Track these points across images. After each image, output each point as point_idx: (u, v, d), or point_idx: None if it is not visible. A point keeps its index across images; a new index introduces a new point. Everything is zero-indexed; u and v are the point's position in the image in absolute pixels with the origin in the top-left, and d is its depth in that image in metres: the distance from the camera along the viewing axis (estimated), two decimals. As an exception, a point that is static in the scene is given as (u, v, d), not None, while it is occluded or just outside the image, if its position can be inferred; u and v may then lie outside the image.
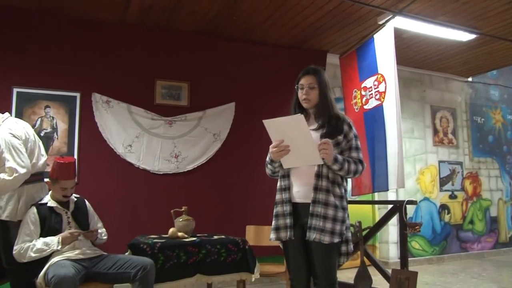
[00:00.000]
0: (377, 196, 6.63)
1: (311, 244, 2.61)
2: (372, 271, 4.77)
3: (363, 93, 5.14)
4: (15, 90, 4.81)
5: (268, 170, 2.83)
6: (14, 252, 3.17)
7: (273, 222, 2.74)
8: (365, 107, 5.09)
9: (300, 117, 2.44)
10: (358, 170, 2.67)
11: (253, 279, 3.65)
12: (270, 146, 2.57)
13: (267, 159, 2.75)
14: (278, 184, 2.78)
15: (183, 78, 5.49)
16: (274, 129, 2.52)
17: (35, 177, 3.48)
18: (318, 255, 2.62)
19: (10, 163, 3.18)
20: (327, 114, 2.69)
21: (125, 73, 5.24)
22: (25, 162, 3.24)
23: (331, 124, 2.66)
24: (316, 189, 2.61)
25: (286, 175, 2.73)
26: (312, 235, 2.55)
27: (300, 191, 2.68)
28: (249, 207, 5.43)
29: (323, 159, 2.50)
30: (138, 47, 5.33)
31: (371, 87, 4.99)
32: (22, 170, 3.19)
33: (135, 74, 5.28)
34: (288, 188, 2.71)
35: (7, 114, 3.57)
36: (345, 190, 2.73)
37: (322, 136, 2.62)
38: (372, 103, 4.96)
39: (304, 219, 2.64)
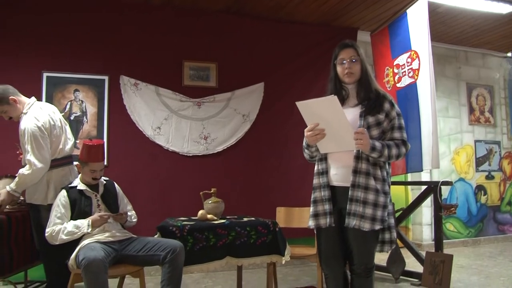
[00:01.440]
0: (410, 177, 6.48)
1: (349, 231, 2.50)
2: (405, 253, 4.68)
3: (395, 70, 4.97)
4: (44, 75, 4.87)
5: (305, 155, 2.72)
6: (46, 234, 3.19)
7: (311, 208, 2.61)
8: (398, 85, 4.92)
9: (333, 98, 2.29)
10: (401, 153, 2.49)
11: (283, 262, 3.59)
12: (305, 130, 2.45)
13: (304, 143, 2.64)
14: (316, 168, 2.64)
15: (211, 58, 5.43)
16: (308, 111, 2.40)
17: (63, 160, 3.52)
18: (356, 242, 2.51)
19: (29, 156, 3.26)
20: (368, 89, 2.54)
21: (152, 55, 5.22)
22: (43, 156, 3.29)
23: (370, 100, 2.51)
24: (356, 172, 2.46)
25: (324, 158, 2.59)
26: (352, 222, 2.43)
27: (338, 174, 2.54)
28: (279, 188, 5.38)
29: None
30: (165, 28, 5.29)
31: (404, 64, 4.81)
32: (40, 165, 3.26)
33: (162, 56, 5.26)
34: (326, 172, 2.57)
35: (33, 99, 3.58)
36: (387, 173, 2.56)
37: (361, 115, 2.49)
38: (405, 81, 4.79)
39: (342, 204, 2.52)
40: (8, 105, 3.43)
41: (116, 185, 3.59)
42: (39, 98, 3.90)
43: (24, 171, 3.26)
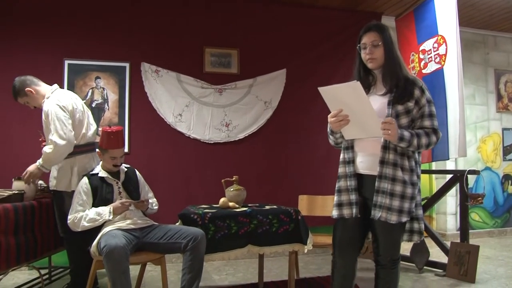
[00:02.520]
0: (434, 166, 6.36)
1: (375, 222, 2.41)
2: (429, 243, 4.59)
3: (421, 56, 4.84)
4: (66, 62, 4.88)
5: (330, 141, 2.64)
6: (68, 221, 3.21)
7: (336, 198, 2.52)
8: (424, 71, 4.79)
9: (356, 84, 2.18)
10: (431, 142, 2.36)
11: (305, 251, 3.54)
12: (329, 116, 2.36)
13: (328, 129, 2.57)
14: (341, 156, 2.55)
15: (232, 45, 5.37)
16: (331, 97, 2.31)
17: (86, 147, 3.55)
18: (383, 234, 2.43)
19: (51, 135, 3.32)
20: (395, 76, 2.38)
21: (173, 41, 5.19)
22: (66, 134, 3.32)
23: (399, 88, 2.37)
24: (383, 162, 2.35)
25: (350, 147, 2.49)
26: (378, 214, 2.35)
27: (364, 161, 2.45)
28: (301, 176, 5.32)
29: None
30: (186, 14, 5.24)
31: (430, 49, 4.68)
32: (62, 142, 3.29)
33: (183, 43, 5.22)
34: (352, 161, 2.47)
35: (55, 86, 3.63)
36: (416, 162, 2.43)
37: (389, 103, 2.37)
38: (432, 67, 4.66)
39: (368, 193, 2.43)
40: (26, 96, 3.53)
41: (137, 172, 3.58)
42: (61, 86, 3.93)
43: (47, 149, 3.32)
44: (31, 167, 3.42)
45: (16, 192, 3.36)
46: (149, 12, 5.13)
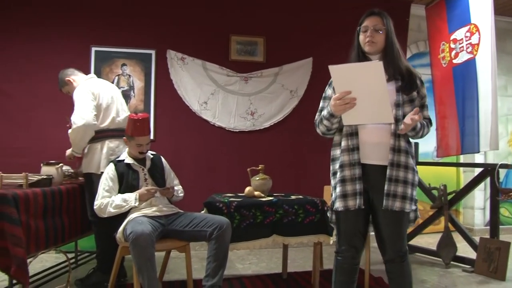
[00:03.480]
0: (462, 159, 6.22)
1: (383, 213, 2.34)
2: (456, 237, 4.50)
3: (452, 46, 4.71)
4: (93, 49, 4.92)
5: (322, 127, 2.46)
6: (95, 207, 3.24)
7: (338, 188, 2.38)
8: (455, 61, 4.67)
9: (378, 64, 2.10)
10: (427, 133, 2.43)
11: (331, 242, 3.49)
12: (333, 98, 2.23)
13: (325, 113, 2.38)
14: (343, 143, 2.41)
15: (258, 33, 5.32)
16: (342, 77, 2.18)
17: (116, 132, 3.61)
18: (393, 225, 2.35)
19: (72, 116, 3.47)
20: (396, 65, 2.37)
21: (199, 29, 5.17)
22: (86, 115, 3.43)
23: (405, 77, 2.34)
24: (394, 150, 2.31)
25: (354, 133, 2.38)
26: (392, 203, 2.28)
27: (371, 150, 2.37)
28: (327, 166, 5.21)
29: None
30: (213, 2, 5.22)
31: (462, 39, 4.55)
32: (80, 122, 3.41)
33: (209, 30, 5.20)
34: (357, 148, 2.37)
35: (90, 75, 3.83)
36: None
37: (398, 90, 2.33)
38: (463, 56, 4.53)
39: (373, 183, 2.36)
40: (67, 86, 3.74)
41: (163, 159, 3.58)
42: (87, 73, 3.97)
43: (69, 130, 3.50)
44: (67, 152, 3.71)
45: (45, 177, 3.40)
46: (176, 0, 5.11)
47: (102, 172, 3.44)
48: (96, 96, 3.55)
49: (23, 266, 2.78)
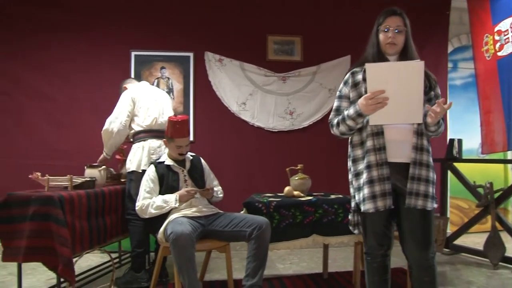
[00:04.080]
0: (510, 155, 6.00)
1: (408, 213, 2.29)
2: (504, 237, 4.34)
3: (496, 38, 4.55)
4: (133, 54, 5.02)
5: (343, 128, 2.40)
6: (136, 208, 3.31)
7: (367, 190, 2.31)
8: (499, 53, 4.51)
9: (420, 64, 2.09)
10: (442, 131, 2.39)
11: (372, 241, 3.44)
12: (364, 97, 2.18)
13: (350, 112, 2.31)
14: (369, 143, 2.34)
15: (295, 32, 5.30)
16: (377, 76, 2.15)
17: (158, 133, 3.71)
18: (419, 223, 2.29)
19: (107, 119, 3.71)
20: None
21: (236, 30, 5.20)
22: (114, 122, 3.67)
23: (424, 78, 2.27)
24: (417, 148, 2.28)
25: (380, 132, 2.32)
26: (415, 202, 2.25)
27: (395, 149, 2.32)
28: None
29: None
30: (249, 3, 5.24)
31: (507, 30, 4.39)
32: (109, 126, 3.67)
33: (246, 31, 5.21)
34: (383, 148, 2.32)
35: (143, 82, 4.08)
36: None
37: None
38: (508, 48, 4.37)
39: (396, 182, 2.32)
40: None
41: (202, 160, 3.61)
42: (128, 77, 4.09)
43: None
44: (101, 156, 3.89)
45: (88, 179, 3.49)
46: (212, 1, 5.15)
47: (143, 170, 3.54)
48: (135, 100, 3.72)
49: (70, 265, 2.87)
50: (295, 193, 3.58)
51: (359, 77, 2.40)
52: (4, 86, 4.85)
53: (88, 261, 4.37)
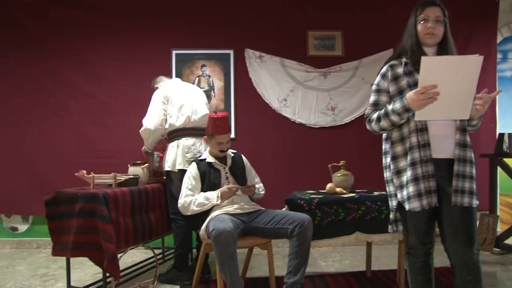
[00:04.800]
0: None
1: (451, 209, 2.21)
2: None
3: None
4: (173, 52, 5.07)
5: (385, 123, 2.30)
6: (179, 205, 3.35)
7: (412, 188, 2.22)
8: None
9: (479, 58, 2.00)
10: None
11: (417, 240, 3.35)
12: (415, 91, 2.10)
13: (396, 106, 2.21)
14: (413, 139, 2.25)
15: (335, 26, 5.22)
16: (431, 70, 2.07)
17: (192, 130, 3.72)
18: (465, 221, 2.21)
19: (143, 119, 3.77)
20: None
21: (276, 27, 5.17)
22: (151, 121, 3.72)
23: None
24: (460, 145, 2.22)
25: (425, 128, 2.25)
26: (461, 199, 2.18)
27: (438, 145, 2.25)
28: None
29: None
30: (288, -1, 5.19)
31: None
32: (146, 125, 3.73)
33: (286, 27, 5.18)
34: (428, 144, 2.24)
35: (173, 79, 4.10)
36: None
37: None
38: None
39: (439, 179, 2.24)
40: None
41: (243, 157, 3.61)
42: (169, 75, 4.16)
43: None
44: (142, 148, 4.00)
45: (132, 176, 3.56)
46: (251, -1, 5.16)
47: (179, 170, 3.60)
48: (168, 99, 3.75)
49: (114, 261, 2.94)
50: (338, 189, 3.54)
51: (399, 70, 2.33)
52: (51, 87, 5.00)
53: (132, 256, 4.47)
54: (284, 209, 3.38)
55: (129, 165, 3.79)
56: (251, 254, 3.58)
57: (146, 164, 3.81)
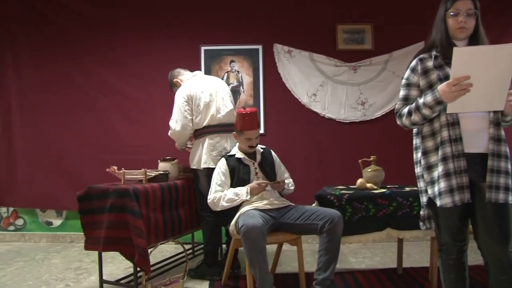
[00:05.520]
0: None
1: (485, 206, 2.15)
2: None
3: None
4: (202, 48, 5.08)
5: (416, 117, 2.25)
6: (208, 201, 3.36)
7: (444, 183, 2.17)
8: None
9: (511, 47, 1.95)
10: None
11: (450, 236, 3.28)
12: (447, 83, 2.05)
13: (428, 99, 2.16)
14: (444, 134, 2.20)
15: (365, 20, 5.13)
16: (464, 61, 2.02)
17: (216, 127, 3.69)
18: (500, 218, 2.14)
19: (170, 121, 3.76)
20: None
21: (304, 21, 5.13)
22: (177, 122, 3.68)
23: None
24: (494, 139, 2.16)
25: (456, 122, 2.18)
26: (496, 196, 2.11)
27: (469, 139, 2.18)
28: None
29: None
30: (317, -8, 5.13)
31: None
32: (174, 127, 3.70)
33: (315, 21, 5.13)
34: (460, 139, 2.17)
35: (195, 72, 3.95)
36: None
37: None
38: None
39: (471, 173, 2.17)
40: (176, 87, 3.89)
41: (273, 153, 3.60)
42: (197, 69, 4.13)
43: (168, 132, 3.80)
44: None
45: (162, 172, 3.59)
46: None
47: (204, 168, 3.60)
48: (193, 98, 3.67)
49: (145, 255, 2.98)
50: (368, 185, 3.49)
51: (429, 64, 2.28)
52: (83, 84, 5.10)
53: (162, 251, 4.52)
54: (314, 204, 3.36)
55: (159, 160, 3.82)
56: (281, 250, 3.57)
57: (176, 160, 3.83)
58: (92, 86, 5.09)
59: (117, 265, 4.09)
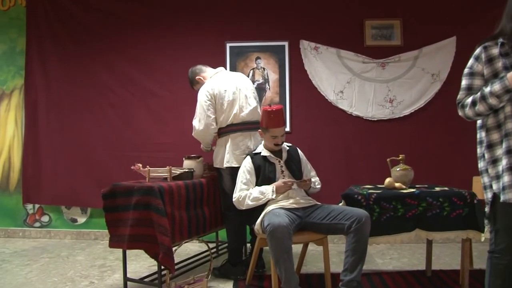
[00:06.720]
0: None
1: None
2: None
3: None
4: (227, 45, 5.06)
5: (482, 107, 2.12)
6: (233, 200, 3.33)
7: (507, 177, 2.06)
8: None
9: None
10: None
11: (482, 239, 3.17)
12: None
13: (496, 88, 2.05)
14: (510, 125, 2.09)
15: (394, 15, 5.02)
16: None
17: (239, 126, 3.64)
18: None
19: (193, 120, 3.72)
20: None
21: (331, 17, 5.05)
22: (201, 121, 3.63)
23: None
24: None
25: None
26: None
27: None
28: (476, 155, 4.81)
29: None
30: (344, -13, 5.05)
31: None
32: (198, 126, 3.65)
33: (342, 17, 5.05)
34: None
35: (218, 69, 3.88)
36: None
37: None
38: None
39: None
40: (197, 84, 3.85)
41: (299, 151, 3.54)
42: (206, 64, 4.05)
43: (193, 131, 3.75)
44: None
45: (187, 170, 3.58)
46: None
47: (227, 167, 3.56)
48: (216, 97, 3.60)
49: (169, 254, 2.96)
50: (397, 185, 3.40)
51: (495, 51, 2.13)
52: (108, 81, 5.14)
53: (187, 250, 4.51)
54: (340, 204, 3.30)
55: (184, 158, 3.81)
56: (306, 249, 3.53)
57: (201, 158, 3.81)
58: (117, 83, 5.13)
59: (141, 263, 4.10)
